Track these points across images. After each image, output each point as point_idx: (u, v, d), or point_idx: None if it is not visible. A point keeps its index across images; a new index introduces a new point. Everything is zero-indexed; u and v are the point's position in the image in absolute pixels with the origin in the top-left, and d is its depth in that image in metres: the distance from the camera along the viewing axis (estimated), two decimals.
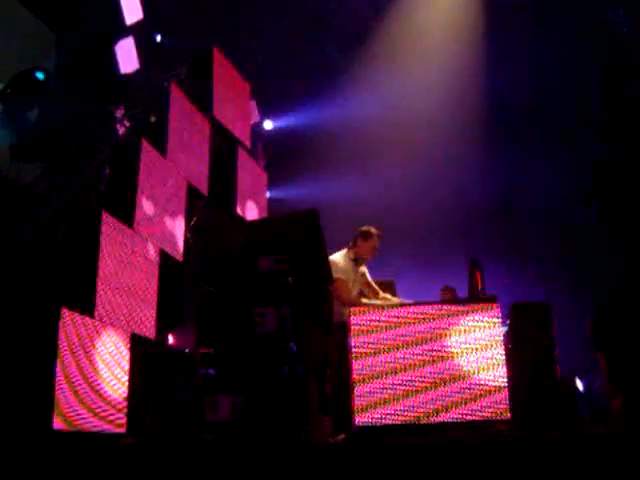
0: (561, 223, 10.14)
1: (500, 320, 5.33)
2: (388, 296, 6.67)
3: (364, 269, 6.80)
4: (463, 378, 5.16)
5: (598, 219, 9.77)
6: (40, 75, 7.64)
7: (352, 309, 5.37)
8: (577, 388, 7.90)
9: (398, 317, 5.28)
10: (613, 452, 3.43)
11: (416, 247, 10.01)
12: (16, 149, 7.83)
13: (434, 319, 5.27)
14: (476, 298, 5.99)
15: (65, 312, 6.01)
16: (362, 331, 5.22)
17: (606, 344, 5.74)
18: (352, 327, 5.23)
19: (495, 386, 5.14)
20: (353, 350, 5.18)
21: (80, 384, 6.09)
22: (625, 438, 3.69)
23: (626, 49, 9.61)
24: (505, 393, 5.13)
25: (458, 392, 5.13)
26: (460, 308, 5.32)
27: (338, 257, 6.49)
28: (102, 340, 6.53)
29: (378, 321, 5.25)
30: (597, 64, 9.93)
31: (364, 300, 6.43)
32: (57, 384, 5.74)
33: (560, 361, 5.79)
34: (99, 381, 6.38)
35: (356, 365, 5.16)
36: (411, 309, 5.37)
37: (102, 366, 6.46)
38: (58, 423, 5.73)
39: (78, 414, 6.02)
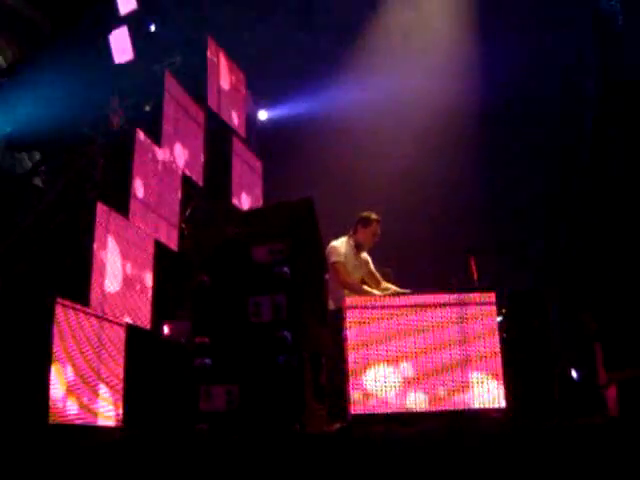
0: (558, 211, 10.15)
1: (496, 309, 5.34)
2: (390, 286, 6.67)
3: (368, 258, 6.80)
4: (459, 367, 5.17)
5: (593, 209, 9.77)
6: (36, 65, 7.64)
7: (347, 299, 5.38)
8: (572, 377, 7.91)
9: (394, 306, 5.28)
10: (609, 441, 3.44)
11: (413, 236, 9.98)
12: (11, 139, 7.83)
13: (430, 309, 5.27)
14: (473, 287, 5.99)
15: (60, 301, 5.98)
16: (358, 321, 5.23)
17: (601, 333, 5.76)
18: (347, 317, 5.23)
19: (491, 375, 5.15)
20: (349, 339, 5.19)
21: (76, 375, 6.08)
22: (620, 427, 3.70)
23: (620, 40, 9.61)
24: (501, 382, 5.14)
25: (454, 381, 5.14)
26: (457, 297, 5.33)
27: (339, 243, 6.52)
28: (97, 330, 6.51)
29: (373, 309, 5.25)
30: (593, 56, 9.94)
31: (365, 287, 6.43)
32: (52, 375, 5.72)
33: (556, 350, 5.80)
34: (95, 372, 6.37)
35: (351, 354, 5.17)
36: (407, 299, 5.39)
37: (98, 356, 6.44)
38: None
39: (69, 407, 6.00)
